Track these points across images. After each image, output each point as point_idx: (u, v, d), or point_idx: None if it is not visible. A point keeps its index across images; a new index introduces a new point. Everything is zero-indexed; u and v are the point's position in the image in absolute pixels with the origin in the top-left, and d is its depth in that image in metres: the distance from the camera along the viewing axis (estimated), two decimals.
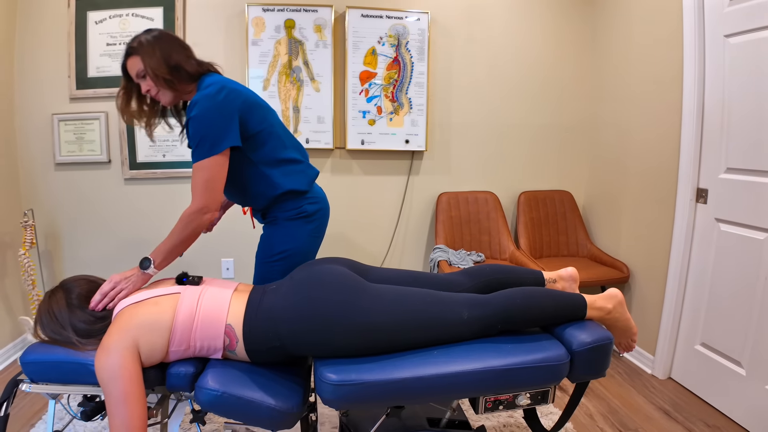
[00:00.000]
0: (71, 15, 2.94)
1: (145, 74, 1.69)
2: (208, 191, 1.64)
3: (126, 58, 1.71)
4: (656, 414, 2.31)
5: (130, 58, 1.70)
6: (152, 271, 1.59)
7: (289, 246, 1.86)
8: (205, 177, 1.63)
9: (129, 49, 1.70)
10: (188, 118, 1.65)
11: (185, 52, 1.79)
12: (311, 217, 1.90)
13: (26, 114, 3.00)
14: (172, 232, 1.63)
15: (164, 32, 1.75)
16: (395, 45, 3.10)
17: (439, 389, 1.33)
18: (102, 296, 1.51)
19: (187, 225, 1.63)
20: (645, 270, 2.79)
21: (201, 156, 1.63)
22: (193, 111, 1.63)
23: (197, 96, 1.65)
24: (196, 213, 1.63)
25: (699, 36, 2.37)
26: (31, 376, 1.47)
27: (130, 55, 1.70)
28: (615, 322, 1.56)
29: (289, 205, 1.87)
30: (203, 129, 1.62)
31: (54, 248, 3.15)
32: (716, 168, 2.33)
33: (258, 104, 1.79)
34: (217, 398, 1.34)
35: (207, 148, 1.62)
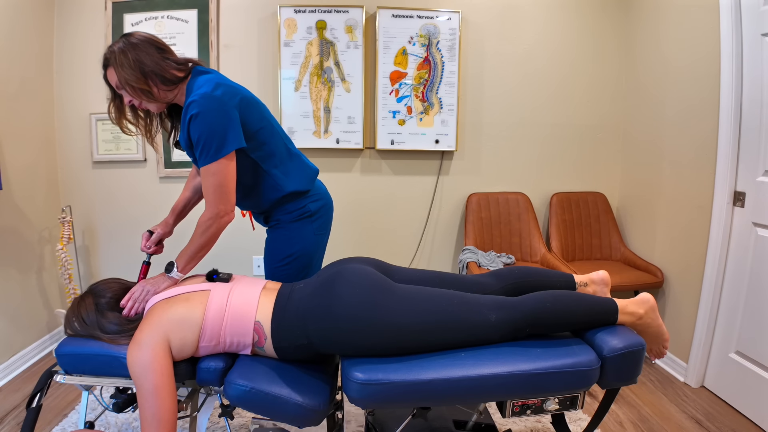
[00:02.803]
0: (108, 17, 3.01)
1: (123, 85, 1.60)
2: (221, 195, 1.60)
3: (105, 70, 1.62)
4: (688, 423, 2.25)
5: (108, 70, 1.61)
6: (176, 275, 1.62)
7: (296, 248, 1.83)
8: (217, 182, 1.59)
9: (104, 60, 1.61)
10: (187, 120, 1.57)
11: (161, 54, 1.63)
12: (315, 215, 1.86)
13: (65, 113, 3.09)
14: (192, 238, 1.63)
15: (138, 37, 1.62)
16: (426, 45, 3.09)
17: (465, 391, 1.33)
18: (133, 302, 1.54)
19: (205, 231, 1.61)
20: (679, 275, 2.73)
21: (209, 160, 1.57)
22: (192, 111, 1.55)
23: (193, 96, 1.56)
24: (213, 219, 1.61)
25: (736, 35, 2.31)
26: (66, 368, 1.52)
27: (106, 66, 1.61)
28: (647, 327, 1.53)
29: (291, 206, 1.83)
30: (206, 131, 1.55)
31: (90, 244, 3.24)
32: (754, 170, 2.26)
33: (254, 100, 1.71)
34: (246, 393, 1.35)
35: (213, 151, 1.57)
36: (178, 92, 1.68)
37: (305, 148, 3.14)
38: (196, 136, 1.56)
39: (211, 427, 2.15)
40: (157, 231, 1.90)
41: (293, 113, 3.11)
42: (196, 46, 3.05)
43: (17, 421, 2.22)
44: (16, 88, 2.71)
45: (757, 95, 2.24)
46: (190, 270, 1.65)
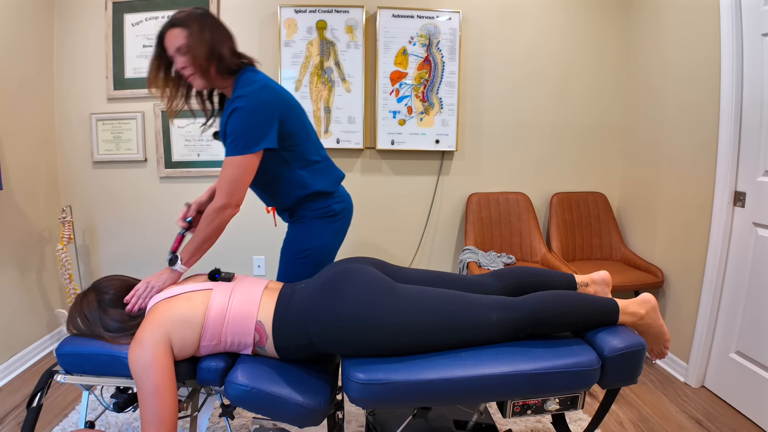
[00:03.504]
0: (108, 17, 3.02)
1: (185, 52, 1.62)
2: (233, 188, 1.64)
3: (168, 29, 1.62)
4: (688, 423, 2.26)
5: (174, 30, 1.61)
6: (180, 267, 1.63)
7: (315, 244, 1.89)
8: (234, 174, 1.63)
9: (174, 20, 1.61)
10: (229, 111, 1.63)
11: (229, 43, 1.70)
12: (337, 216, 1.92)
13: (66, 114, 3.09)
14: (197, 230, 1.66)
15: (212, 15, 1.67)
16: (426, 45, 3.09)
17: (466, 391, 1.33)
18: (137, 298, 1.55)
19: (211, 222, 1.64)
20: (680, 275, 2.73)
21: (234, 152, 1.62)
22: (236, 105, 1.61)
23: (242, 91, 1.63)
24: (219, 210, 1.63)
25: (736, 35, 2.31)
26: (66, 368, 1.52)
27: (174, 26, 1.61)
28: (647, 328, 1.53)
29: (316, 204, 1.88)
30: (244, 126, 1.61)
31: (91, 243, 3.24)
32: (754, 171, 2.26)
33: (295, 105, 1.78)
34: (246, 393, 1.35)
35: (242, 145, 1.61)
36: (226, 83, 1.74)
37: None
38: (232, 128, 1.62)
39: (212, 427, 2.15)
40: (194, 202, 1.93)
41: None
42: None
43: (17, 421, 2.22)
44: (16, 87, 2.71)
45: (757, 95, 2.24)
46: (194, 263, 1.66)
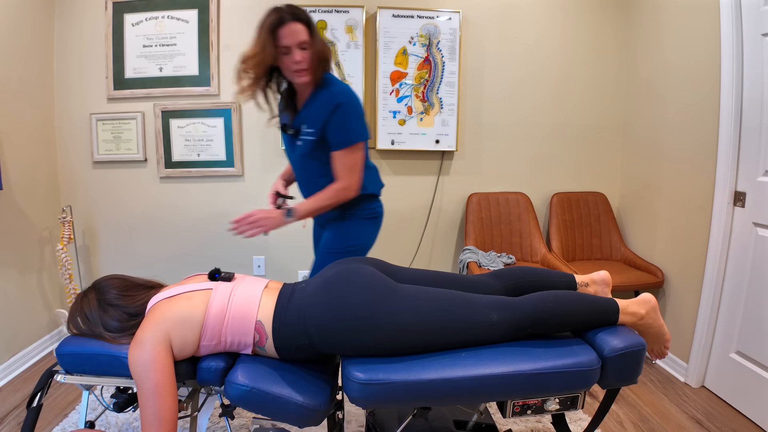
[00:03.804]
0: (108, 17, 3.02)
1: (306, 48, 1.74)
2: (353, 173, 1.85)
3: (291, 21, 1.71)
4: (688, 423, 2.25)
5: (298, 24, 1.71)
6: (292, 219, 1.83)
7: (359, 242, 2.01)
8: (352, 161, 1.84)
9: (297, 15, 1.72)
10: (332, 105, 1.78)
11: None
12: (378, 219, 2.08)
13: (66, 114, 3.09)
14: (318, 197, 1.85)
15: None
16: (426, 45, 3.09)
17: (466, 391, 1.33)
18: (241, 223, 1.76)
19: (332, 197, 1.84)
20: (680, 275, 2.73)
21: (350, 141, 1.82)
22: (340, 100, 1.78)
23: (337, 89, 1.81)
24: (343, 190, 1.85)
25: (736, 35, 2.31)
26: (66, 368, 1.52)
27: (298, 20, 1.72)
28: (648, 328, 1.53)
29: (367, 204, 2.02)
30: (352, 118, 1.81)
31: (91, 243, 3.24)
32: (754, 171, 2.26)
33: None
34: (246, 393, 1.35)
35: (355, 135, 1.82)
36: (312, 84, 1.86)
37: None
38: (341, 120, 1.80)
39: (212, 427, 2.15)
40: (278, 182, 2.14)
41: None
42: (196, 47, 3.05)
43: (18, 421, 2.22)
44: (16, 87, 2.71)
45: (757, 95, 2.24)
46: (305, 219, 1.87)
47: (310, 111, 1.85)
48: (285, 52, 1.75)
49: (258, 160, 3.20)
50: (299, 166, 2.00)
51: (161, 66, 3.06)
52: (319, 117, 1.82)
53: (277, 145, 3.18)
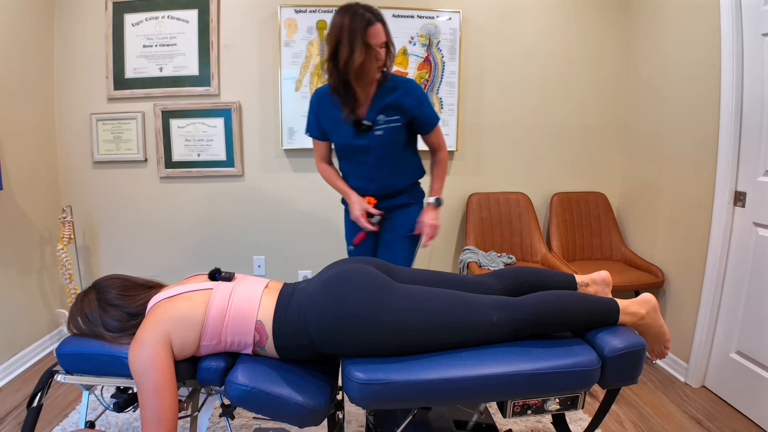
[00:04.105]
0: (108, 17, 3.01)
1: (385, 46, 1.90)
2: (445, 141, 2.22)
3: (377, 22, 1.86)
4: (689, 423, 2.25)
5: (381, 25, 1.87)
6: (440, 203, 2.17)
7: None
8: (442, 133, 2.20)
9: (378, 16, 1.87)
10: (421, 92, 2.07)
11: None
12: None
13: (66, 114, 3.09)
14: (439, 175, 2.20)
15: None
16: (426, 45, 3.09)
17: (466, 391, 1.33)
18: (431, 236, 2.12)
19: (445, 168, 2.21)
20: (680, 275, 2.73)
21: (438, 118, 2.15)
22: (416, 86, 2.06)
23: (409, 79, 2.07)
24: (447, 159, 2.22)
25: (736, 35, 2.31)
26: (67, 368, 1.52)
27: (380, 21, 1.87)
28: (648, 328, 1.53)
29: (420, 189, 2.27)
30: (429, 102, 2.11)
31: (91, 243, 3.24)
32: (755, 170, 2.26)
33: None
34: (246, 393, 1.35)
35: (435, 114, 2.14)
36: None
37: (306, 148, 3.14)
38: (429, 103, 2.10)
39: (212, 427, 2.15)
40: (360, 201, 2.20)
41: (294, 113, 3.11)
42: (196, 46, 3.05)
43: (18, 421, 2.22)
44: (16, 87, 2.71)
45: (757, 95, 2.24)
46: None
47: (389, 101, 2.02)
48: (368, 51, 1.86)
49: (258, 160, 3.20)
50: (379, 154, 2.09)
51: (161, 66, 3.06)
52: (408, 105, 2.04)
53: (277, 145, 3.18)
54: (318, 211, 3.27)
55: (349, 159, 2.16)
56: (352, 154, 2.12)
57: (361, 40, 1.82)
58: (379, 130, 2.03)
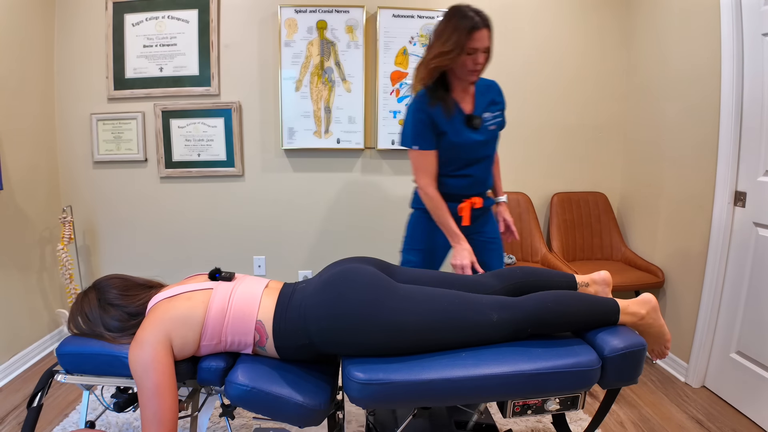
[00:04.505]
0: (108, 17, 3.01)
1: (488, 51, 1.91)
2: None
3: (484, 27, 1.86)
4: (689, 423, 2.25)
5: (488, 31, 1.88)
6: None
7: None
8: None
9: (486, 21, 1.88)
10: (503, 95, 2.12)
11: None
12: None
13: (66, 114, 3.09)
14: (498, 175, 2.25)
15: None
16: (427, 45, 3.09)
17: (466, 391, 1.33)
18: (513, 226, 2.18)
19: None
20: (680, 275, 2.73)
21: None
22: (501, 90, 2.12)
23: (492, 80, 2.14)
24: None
25: (737, 35, 2.31)
26: (67, 368, 1.52)
27: (487, 27, 1.88)
28: (648, 328, 1.53)
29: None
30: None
31: (91, 243, 3.24)
32: (755, 170, 2.26)
33: None
34: (246, 393, 1.35)
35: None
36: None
37: (306, 148, 3.14)
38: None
39: (212, 427, 2.15)
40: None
41: (294, 113, 3.11)
42: (196, 46, 3.05)
43: (18, 421, 2.22)
44: (16, 87, 2.71)
45: (757, 95, 2.24)
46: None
47: (488, 99, 2.06)
48: (470, 53, 1.86)
49: (258, 160, 3.20)
50: (487, 152, 2.07)
51: (161, 66, 3.06)
52: (501, 103, 2.10)
53: (277, 145, 3.18)
54: (318, 211, 3.27)
55: (464, 162, 2.03)
56: (470, 154, 2.02)
57: (461, 37, 1.83)
58: (491, 124, 2.04)
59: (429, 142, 1.96)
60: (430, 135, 1.96)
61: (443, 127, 1.95)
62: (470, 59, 1.86)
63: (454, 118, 1.96)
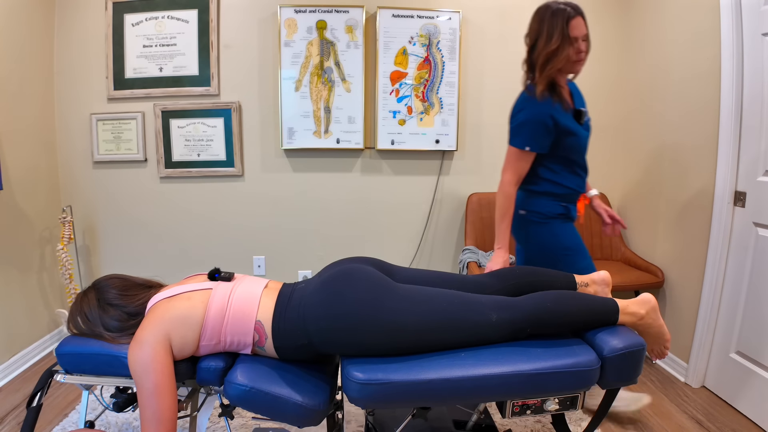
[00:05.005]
0: (108, 17, 3.02)
1: (585, 38, 1.86)
2: None
3: (577, 15, 1.84)
4: (689, 423, 2.25)
5: (582, 19, 1.85)
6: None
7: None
8: None
9: (578, 9, 1.85)
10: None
11: None
12: None
13: (66, 114, 3.09)
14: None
15: None
16: (426, 45, 3.09)
17: (465, 391, 1.33)
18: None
19: None
20: (680, 275, 2.72)
21: None
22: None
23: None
24: None
25: (737, 34, 2.31)
26: (66, 367, 1.52)
27: (581, 15, 1.85)
28: (648, 328, 1.53)
29: None
30: None
31: (91, 243, 3.24)
32: (754, 170, 2.26)
33: None
34: (246, 393, 1.35)
35: None
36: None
37: (306, 148, 3.14)
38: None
39: (211, 426, 2.15)
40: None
41: (294, 113, 3.11)
42: (196, 46, 3.05)
43: (18, 421, 2.22)
44: (16, 88, 2.71)
45: (757, 95, 2.24)
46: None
47: (580, 95, 2.07)
48: (570, 43, 1.85)
49: (258, 160, 3.20)
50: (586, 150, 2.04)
51: (161, 66, 3.06)
52: (584, 100, 2.08)
53: (277, 145, 3.18)
54: (318, 211, 3.27)
55: (580, 158, 2.01)
56: (584, 149, 2.01)
57: (563, 32, 1.83)
58: (588, 119, 2.04)
59: (540, 144, 1.91)
60: (546, 138, 1.91)
61: (565, 122, 1.90)
62: (572, 49, 1.85)
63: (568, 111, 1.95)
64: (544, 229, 2.01)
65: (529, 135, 1.90)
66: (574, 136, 1.93)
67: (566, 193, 2.00)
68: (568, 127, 1.91)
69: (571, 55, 1.85)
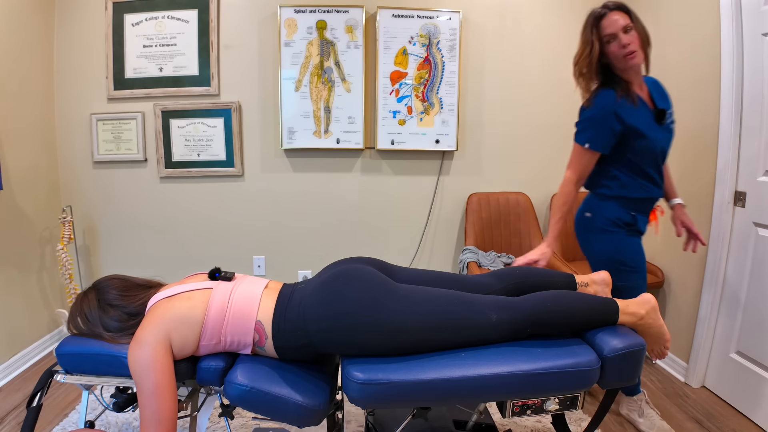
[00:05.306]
0: (108, 17, 3.02)
1: (630, 30, 1.81)
2: None
3: (609, 12, 1.82)
4: (689, 424, 2.25)
5: (617, 13, 1.81)
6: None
7: None
8: None
9: (616, 5, 1.83)
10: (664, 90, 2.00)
11: None
12: None
13: (66, 114, 3.09)
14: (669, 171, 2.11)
15: None
16: (426, 45, 3.09)
17: (466, 391, 1.33)
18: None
19: None
20: (680, 275, 2.72)
21: None
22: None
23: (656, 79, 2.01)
24: None
25: (737, 34, 2.31)
26: (66, 367, 1.51)
27: (617, 9, 1.82)
28: (648, 328, 1.53)
29: None
30: None
31: (91, 243, 3.24)
32: (755, 170, 2.26)
33: None
34: (246, 393, 1.35)
35: None
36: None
37: (306, 148, 3.14)
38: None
39: (211, 426, 2.15)
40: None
41: (294, 113, 3.11)
42: (196, 46, 3.05)
43: (18, 421, 2.22)
44: (16, 87, 2.71)
45: (757, 95, 2.24)
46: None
47: (662, 94, 1.99)
48: (610, 40, 1.82)
49: (258, 160, 3.20)
50: (667, 151, 1.98)
51: (161, 66, 3.06)
52: (669, 99, 2.00)
53: (277, 145, 3.18)
54: (317, 211, 3.27)
55: (653, 162, 1.93)
56: (660, 152, 1.94)
57: (589, 32, 1.84)
58: (671, 121, 1.97)
59: (602, 143, 1.89)
60: (609, 136, 1.87)
61: (631, 120, 1.85)
62: (615, 45, 1.82)
63: (640, 111, 1.88)
64: (608, 239, 1.96)
65: (591, 130, 1.90)
66: (644, 138, 1.86)
67: (637, 200, 1.93)
68: (638, 127, 1.85)
69: (615, 51, 1.82)
